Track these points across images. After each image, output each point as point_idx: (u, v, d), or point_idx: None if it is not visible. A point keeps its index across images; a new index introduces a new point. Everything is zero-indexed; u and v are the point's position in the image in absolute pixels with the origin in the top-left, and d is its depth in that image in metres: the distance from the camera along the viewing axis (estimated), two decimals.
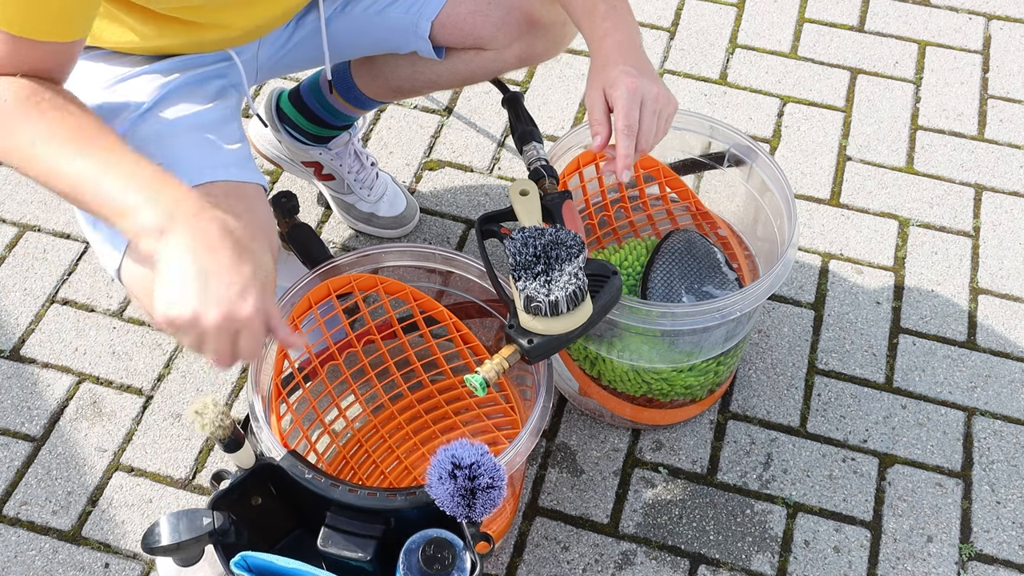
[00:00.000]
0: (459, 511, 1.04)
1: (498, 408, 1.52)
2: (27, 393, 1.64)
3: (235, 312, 0.95)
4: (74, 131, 1.03)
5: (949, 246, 1.86)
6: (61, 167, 1.01)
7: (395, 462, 1.51)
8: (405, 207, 1.84)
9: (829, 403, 1.67)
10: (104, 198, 0.98)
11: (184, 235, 0.96)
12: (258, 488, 1.18)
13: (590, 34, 1.27)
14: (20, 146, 1.03)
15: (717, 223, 1.63)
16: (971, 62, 2.16)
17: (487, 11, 1.41)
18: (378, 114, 2.05)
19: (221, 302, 0.94)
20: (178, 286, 0.94)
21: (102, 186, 0.99)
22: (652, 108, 1.21)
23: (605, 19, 1.26)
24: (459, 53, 1.47)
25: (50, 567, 1.47)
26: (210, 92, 1.32)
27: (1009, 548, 1.52)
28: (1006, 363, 1.72)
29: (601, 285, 1.20)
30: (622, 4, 1.28)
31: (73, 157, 1.00)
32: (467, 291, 1.45)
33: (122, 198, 0.97)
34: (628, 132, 1.20)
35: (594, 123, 1.23)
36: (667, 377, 1.48)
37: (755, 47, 2.18)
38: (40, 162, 1.02)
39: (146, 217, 0.96)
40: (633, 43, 1.25)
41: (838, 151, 2.00)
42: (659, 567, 1.49)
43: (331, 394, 1.44)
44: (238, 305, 0.95)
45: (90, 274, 1.78)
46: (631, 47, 1.25)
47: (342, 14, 1.45)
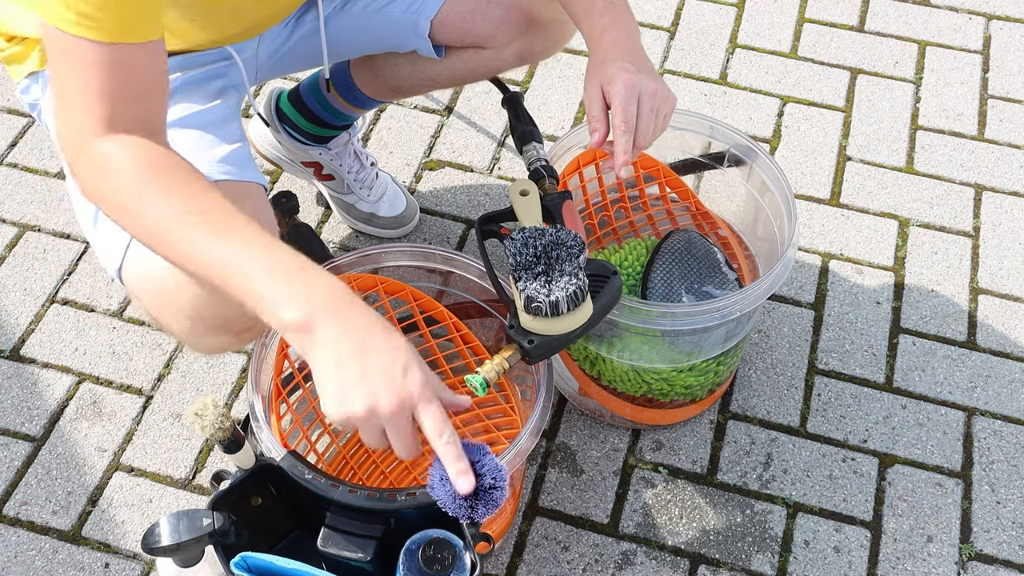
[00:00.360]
0: (461, 512, 1.04)
1: (498, 408, 1.52)
2: (27, 393, 1.64)
3: (405, 391, 0.92)
4: (200, 209, 0.99)
5: (949, 246, 1.86)
6: (198, 254, 0.97)
7: (395, 462, 1.51)
8: (405, 207, 1.84)
9: (829, 403, 1.67)
10: (243, 290, 0.94)
11: (330, 330, 0.92)
12: (258, 488, 1.18)
13: (588, 31, 1.27)
14: (148, 226, 1.00)
15: (717, 223, 1.63)
16: (971, 62, 2.16)
17: (486, 10, 1.41)
18: (378, 114, 2.05)
19: (389, 387, 0.91)
20: (342, 386, 0.92)
21: (241, 277, 0.94)
22: (650, 104, 1.21)
23: (603, 15, 1.26)
24: (458, 52, 1.47)
25: (50, 567, 1.47)
26: (210, 92, 1.32)
27: (1009, 548, 1.52)
28: (1006, 363, 1.72)
29: (601, 285, 1.20)
30: (620, 1, 1.28)
31: (209, 242, 0.96)
32: (467, 291, 1.45)
33: (262, 291, 0.93)
34: (626, 128, 1.20)
35: (592, 119, 1.23)
36: (667, 377, 1.48)
37: (755, 47, 2.18)
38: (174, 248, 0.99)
39: (289, 315, 0.92)
40: (631, 40, 1.25)
41: (838, 151, 2.00)
42: (659, 567, 1.49)
43: None
44: (405, 383, 0.92)
45: (90, 274, 1.78)
46: (629, 44, 1.25)
47: (341, 13, 1.45)
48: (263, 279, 0.93)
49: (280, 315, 0.92)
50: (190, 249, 0.97)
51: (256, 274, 0.94)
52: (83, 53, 1.00)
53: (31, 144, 1.97)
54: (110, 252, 1.20)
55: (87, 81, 1.01)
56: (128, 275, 1.19)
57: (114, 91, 1.02)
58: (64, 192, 1.89)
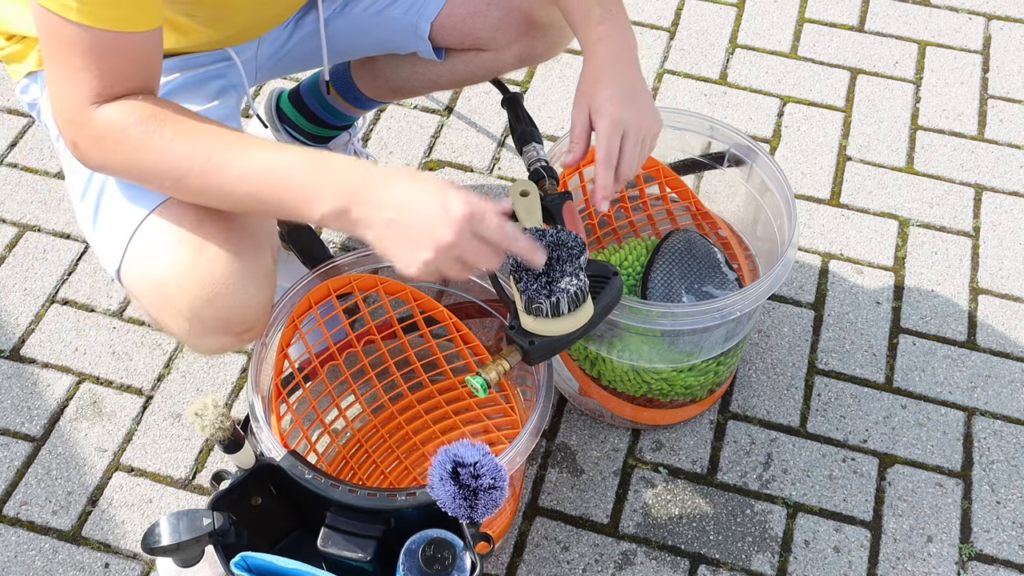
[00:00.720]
0: (461, 512, 1.04)
1: (498, 408, 1.52)
2: (27, 393, 1.64)
3: (455, 220, 0.99)
4: (217, 135, 1.08)
5: (949, 246, 1.86)
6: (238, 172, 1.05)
7: (395, 462, 1.51)
8: None
9: (829, 403, 1.67)
10: (284, 190, 1.04)
11: (366, 207, 1.01)
12: (258, 488, 1.18)
13: (584, 39, 1.26)
14: (173, 164, 1.06)
15: (717, 223, 1.63)
16: (971, 62, 2.16)
17: (486, 12, 1.41)
18: (378, 114, 2.05)
19: (441, 224, 0.99)
20: (401, 247, 1.01)
21: (281, 178, 1.04)
22: (635, 138, 1.21)
23: (600, 23, 1.25)
24: (458, 54, 1.47)
25: (50, 567, 1.47)
26: (210, 92, 1.32)
27: (1009, 548, 1.52)
28: (1006, 363, 1.72)
29: (602, 286, 1.20)
30: (617, 8, 1.27)
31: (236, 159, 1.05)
32: (467, 291, 1.45)
33: (301, 191, 1.03)
34: (608, 164, 1.20)
35: (573, 138, 1.25)
36: (667, 377, 1.48)
37: (755, 47, 2.18)
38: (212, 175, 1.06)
39: (327, 206, 1.02)
40: (626, 54, 1.25)
41: (838, 151, 2.00)
42: (659, 567, 1.49)
43: (331, 394, 1.44)
44: (451, 214, 0.99)
45: (90, 274, 1.78)
46: (623, 59, 1.24)
47: (341, 14, 1.45)
48: (297, 176, 1.03)
49: (323, 207, 1.02)
50: (225, 165, 1.05)
51: (289, 172, 1.03)
52: (80, 38, 1.02)
53: (31, 144, 1.97)
54: (109, 252, 1.20)
55: (83, 63, 1.04)
56: (127, 276, 1.19)
57: (109, 71, 1.05)
58: (64, 192, 1.89)
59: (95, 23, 1.01)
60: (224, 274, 1.14)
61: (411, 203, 1.00)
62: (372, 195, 1.01)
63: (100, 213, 1.22)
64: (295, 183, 1.03)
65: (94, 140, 1.08)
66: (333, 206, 1.02)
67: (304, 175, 1.03)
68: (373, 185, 1.01)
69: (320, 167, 1.03)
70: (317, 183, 1.03)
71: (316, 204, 1.02)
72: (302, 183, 1.03)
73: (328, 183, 1.02)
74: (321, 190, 1.02)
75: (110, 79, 1.05)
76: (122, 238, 1.18)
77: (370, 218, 1.01)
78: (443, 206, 0.99)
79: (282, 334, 1.32)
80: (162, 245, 1.15)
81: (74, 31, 1.02)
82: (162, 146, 1.06)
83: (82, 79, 1.05)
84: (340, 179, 1.02)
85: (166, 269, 1.14)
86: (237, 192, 1.06)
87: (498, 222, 1.02)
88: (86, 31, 1.02)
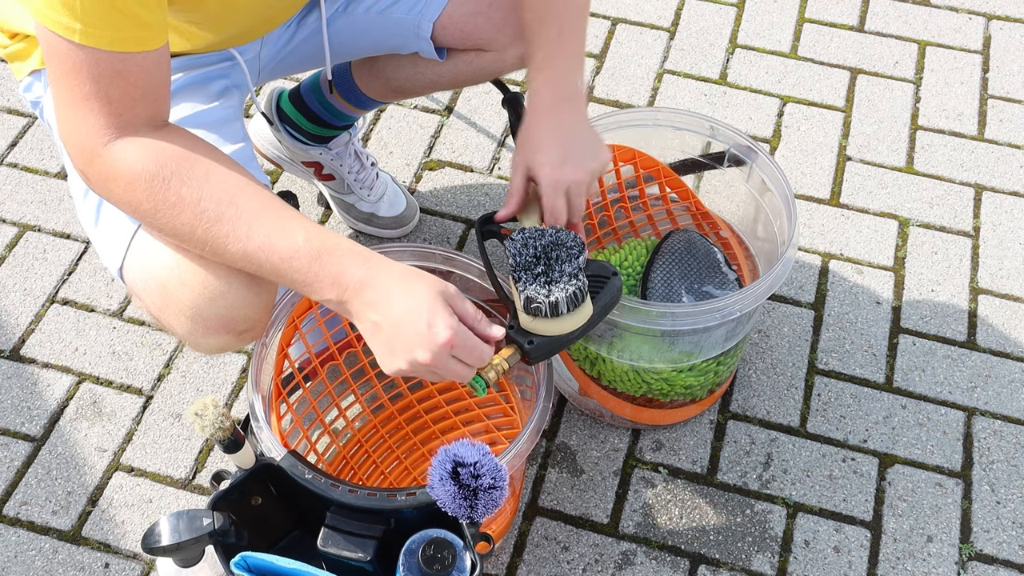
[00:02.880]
0: (461, 512, 1.04)
1: (498, 408, 1.52)
2: (27, 393, 1.64)
3: (435, 344, 1.03)
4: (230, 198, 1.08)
5: (949, 246, 1.86)
6: (237, 242, 1.07)
7: (395, 462, 1.51)
8: (405, 207, 1.84)
9: (829, 403, 1.67)
10: (284, 275, 1.07)
11: (360, 305, 1.06)
12: (258, 488, 1.18)
13: (527, 80, 1.28)
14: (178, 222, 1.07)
15: (717, 223, 1.63)
16: (971, 62, 2.16)
17: (488, 13, 1.41)
18: (378, 114, 2.05)
19: (422, 344, 1.04)
20: (384, 350, 1.07)
21: (282, 263, 1.06)
22: (576, 192, 1.23)
23: (539, 71, 1.27)
24: (460, 54, 1.47)
25: (50, 567, 1.47)
26: (212, 92, 1.32)
27: (1009, 548, 1.52)
28: (1006, 363, 1.72)
29: (601, 286, 1.20)
30: (564, 50, 1.27)
31: (247, 231, 1.06)
32: (467, 291, 1.45)
33: (301, 278, 1.06)
34: (555, 221, 1.23)
35: (511, 192, 1.26)
36: (667, 377, 1.48)
37: (755, 47, 2.18)
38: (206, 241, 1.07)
39: (325, 296, 1.07)
40: (563, 100, 1.25)
41: (838, 151, 2.00)
42: (659, 567, 1.49)
43: (331, 394, 1.44)
44: (434, 336, 1.03)
45: (90, 274, 1.78)
46: (560, 107, 1.25)
47: (344, 14, 1.45)
48: (297, 265, 1.06)
49: (323, 295, 1.07)
50: (225, 241, 1.06)
51: (290, 260, 1.06)
52: (86, 62, 1.01)
53: (31, 144, 1.97)
54: (111, 251, 1.20)
55: (92, 89, 1.03)
56: (129, 274, 1.19)
57: (118, 97, 1.04)
58: (64, 192, 1.89)
59: (100, 45, 1.00)
60: (226, 273, 1.14)
61: (400, 319, 1.04)
62: (368, 296, 1.05)
63: (102, 211, 1.22)
64: (297, 273, 1.06)
65: (103, 178, 1.07)
66: (331, 298, 1.06)
67: (306, 266, 1.06)
68: (371, 287, 1.05)
69: (321, 260, 1.06)
70: (317, 275, 1.06)
71: (315, 294, 1.07)
72: (304, 274, 1.06)
73: (327, 278, 1.06)
74: (320, 283, 1.06)
75: (119, 106, 1.04)
76: (124, 236, 1.18)
77: (361, 315, 1.06)
78: (428, 328, 1.03)
79: (282, 334, 1.32)
80: (164, 244, 1.15)
81: (80, 55, 1.00)
82: (166, 212, 1.06)
83: (91, 108, 1.04)
84: (339, 275, 1.05)
85: (168, 268, 1.14)
86: (239, 264, 1.09)
87: (477, 350, 1.06)
88: (91, 54, 1.00)
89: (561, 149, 1.23)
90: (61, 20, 0.99)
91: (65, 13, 0.98)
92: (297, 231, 1.06)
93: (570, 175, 1.22)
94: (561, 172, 1.22)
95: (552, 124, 1.25)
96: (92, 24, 0.99)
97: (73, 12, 0.98)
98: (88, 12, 0.98)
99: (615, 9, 2.24)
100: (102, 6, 0.98)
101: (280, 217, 1.07)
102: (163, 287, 1.15)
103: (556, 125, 1.25)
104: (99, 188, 1.10)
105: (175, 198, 1.05)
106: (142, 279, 1.17)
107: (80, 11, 0.98)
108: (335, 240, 1.07)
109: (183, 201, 1.05)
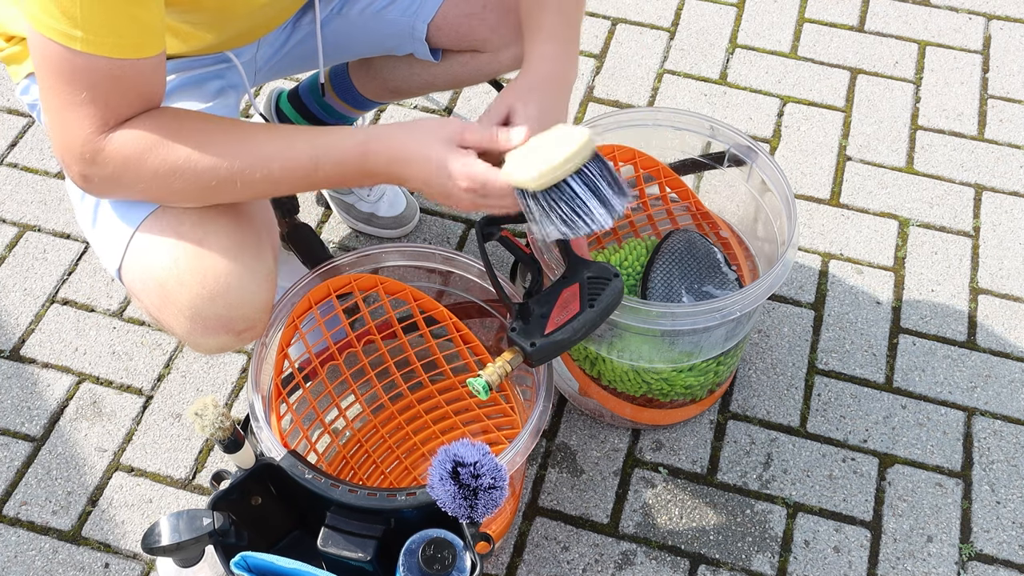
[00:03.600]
0: (461, 511, 1.04)
1: (498, 408, 1.52)
2: (27, 393, 1.64)
3: (462, 198, 1.12)
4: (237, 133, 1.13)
5: (949, 246, 1.86)
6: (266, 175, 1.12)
7: (395, 462, 1.51)
8: (405, 207, 1.84)
9: (829, 403, 1.67)
10: (316, 185, 1.15)
11: (395, 179, 1.14)
12: (258, 488, 1.18)
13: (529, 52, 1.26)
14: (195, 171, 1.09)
15: (717, 223, 1.63)
16: (971, 62, 2.16)
17: (483, 14, 1.41)
18: (378, 114, 2.05)
19: (452, 199, 1.12)
20: (439, 199, 1.15)
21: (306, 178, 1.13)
22: None
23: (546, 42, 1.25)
24: (455, 55, 1.47)
25: (50, 567, 1.47)
26: (209, 92, 1.32)
27: (1009, 548, 1.52)
28: (1006, 363, 1.72)
29: (602, 287, 1.20)
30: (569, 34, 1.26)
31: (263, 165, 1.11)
32: (467, 291, 1.45)
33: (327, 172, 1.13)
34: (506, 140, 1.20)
35: (482, 120, 1.21)
36: (667, 377, 1.48)
37: (755, 47, 2.18)
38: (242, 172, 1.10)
39: (361, 183, 1.17)
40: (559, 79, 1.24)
41: (838, 151, 2.00)
42: (659, 567, 1.49)
43: (331, 394, 1.44)
44: (458, 200, 1.12)
45: (90, 274, 1.78)
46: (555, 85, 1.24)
47: (338, 16, 1.45)
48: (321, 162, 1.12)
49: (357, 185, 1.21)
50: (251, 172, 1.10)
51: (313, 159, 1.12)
52: (86, 69, 1.01)
53: (31, 144, 1.97)
54: (110, 251, 1.20)
55: (89, 96, 1.03)
56: (128, 275, 1.19)
57: (116, 100, 1.05)
58: (64, 192, 1.89)
59: (101, 52, 1.00)
60: (225, 273, 1.14)
61: (428, 182, 1.12)
62: (397, 173, 1.13)
63: (100, 212, 1.22)
64: (327, 180, 1.14)
65: (111, 170, 1.07)
66: (373, 182, 1.16)
67: (328, 174, 1.13)
68: (396, 170, 1.13)
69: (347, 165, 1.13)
70: (343, 176, 1.14)
71: (356, 184, 1.18)
72: (332, 179, 1.14)
73: (356, 173, 1.13)
74: (349, 182, 1.15)
75: (116, 107, 1.05)
76: (123, 237, 1.18)
77: (403, 183, 1.15)
78: (447, 196, 1.12)
79: (282, 334, 1.32)
80: (163, 244, 1.15)
81: (79, 62, 1.00)
82: (182, 166, 1.07)
83: (87, 112, 1.03)
84: (368, 168, 1.13)
85: (167, 268, 1.14)
86: (271, 191, 1.15)
87: (499, 188, 1.10)
88: (92, 61, 1.00)
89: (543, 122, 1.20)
90: (60, 27, 0.98)
91: (64, 21, 0.98)
92: (300, 139, 1.12)
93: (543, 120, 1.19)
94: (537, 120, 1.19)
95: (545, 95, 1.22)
96: (93, 31, 0.98)
97: (73, 20, 0.97)
98: (88, 19, 0.98)
99: (615, 9, 2.24)
100: (103, 13, 0.98)
101: (279, 133, 1.13)
102: (162, 287, 1.15)
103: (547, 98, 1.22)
104: (109, 183, 1.09)
105: (187, 149, 1.07)
106: (141, 280, 1.17)
107: (80, 18, 0.97)
108: (336, 134, 1.14)
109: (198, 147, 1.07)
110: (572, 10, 1.27)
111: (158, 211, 1.16)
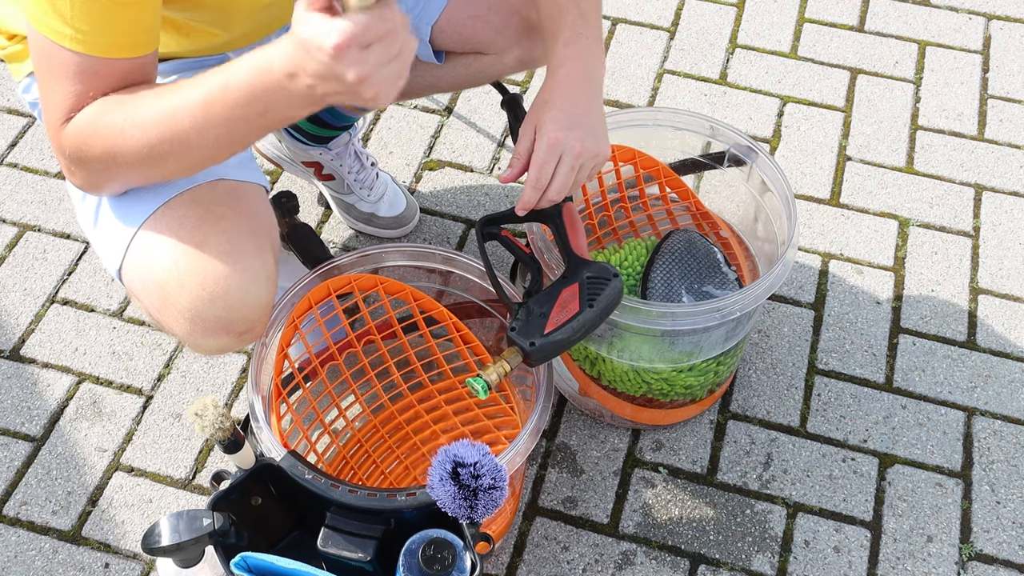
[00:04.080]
0: (461, 512, 1.04)
1: (498, 408, 1.52)
2: (27, 393, 1.64)
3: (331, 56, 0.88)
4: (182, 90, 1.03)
5: (949, 246, 1.86)
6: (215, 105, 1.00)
7: (395, 462, 1.51)
8: (405, 207, 1.84)
9: (829, 403, 1.67)
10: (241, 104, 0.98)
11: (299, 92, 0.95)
12: (258, 488, 1.18)
13: (549, 60, 1.26)
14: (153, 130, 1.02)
15: (717, 223, 1.63)
16: (971, 62, 2.16)
17: (487, 16, 1.41)
18: (378, 114, 2.05)
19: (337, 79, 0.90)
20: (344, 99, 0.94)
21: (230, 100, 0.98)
22: (570, 164, 1.19)
23: (567, 46, 1.24)
24: (459, 57, 1.47)
25: (50, 567, 1.47)
26: None
27: (1009, 548, 1.52)
28: (1006, 363, 1.72)
29: (602, 288, 1.20)
30: (590, 33, 1.26)
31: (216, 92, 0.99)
32: (467, 291, 1.45)
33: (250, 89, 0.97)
34: (536, 185, 1.20)
35: (516, 154, 1.23)
36: (667, 377, 1.48)
37: (755, 47, 2.18)
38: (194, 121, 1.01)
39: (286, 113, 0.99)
40: (584, 79, 1.23)
41: (838, 151, 2.00)
42: (659, 567, 1.49)
43: (331, 394, 1.44)
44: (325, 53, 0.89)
45: (90, 274, 1.78)
46: (580, 84, 1.23)
47: None
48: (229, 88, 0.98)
49: None
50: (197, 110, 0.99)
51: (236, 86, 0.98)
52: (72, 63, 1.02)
53: (31, 144, 1.97)
54: (110, 252, 1.20)
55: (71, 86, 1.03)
56: (128, 276, 1.19)
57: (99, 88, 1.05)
58: (64, 192, 1.89)
59: (89, 51, 1.01)
60: (225, 274, 1.14)
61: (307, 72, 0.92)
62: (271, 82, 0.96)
63: (101, 213, 1.22)
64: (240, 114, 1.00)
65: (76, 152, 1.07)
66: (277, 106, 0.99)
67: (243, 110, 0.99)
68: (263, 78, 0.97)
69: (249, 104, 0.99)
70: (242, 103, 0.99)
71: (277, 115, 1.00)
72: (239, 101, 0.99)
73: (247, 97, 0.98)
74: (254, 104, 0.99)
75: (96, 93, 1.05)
76: (123, 238, 1.18)
77: (312, 96, 0.95)
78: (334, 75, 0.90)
79: (282, 334, 1.32)
80: (163, 245, 1.15)
81: (66, 56, 1.01)
82: (120, 140, 1.04)
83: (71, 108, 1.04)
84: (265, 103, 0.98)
85: (167, 269, 1.14)
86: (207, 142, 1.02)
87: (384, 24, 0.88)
88: (79, 57, 1.01)
89: (572, 116, 1.20)
90: (51, 24, 1.00)
91: (56, 18, 0.99)
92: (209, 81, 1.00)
93: (571, 141, 1.19)
94: (564, 134, 1.18)
95: (569, 94, 1.22)
96: (82, 29, 0.99)
97: (63, 17, 0.99)
98: (78, 17, 0.99)
99: (615, 9, 2.24)
100: (93, 12, 0.99)
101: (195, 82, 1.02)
102: (162, 288, 1.15)
103: (573, 96, 1.22)
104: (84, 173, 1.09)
105: (130, 107, 1.03)
106: (141, 280, 1.17)
107: (70, 16, 0.99)
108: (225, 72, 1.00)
109: (134, 102, 1.03)
110: (590, 6, 1.26)
111: (159, 212, 1.16)
